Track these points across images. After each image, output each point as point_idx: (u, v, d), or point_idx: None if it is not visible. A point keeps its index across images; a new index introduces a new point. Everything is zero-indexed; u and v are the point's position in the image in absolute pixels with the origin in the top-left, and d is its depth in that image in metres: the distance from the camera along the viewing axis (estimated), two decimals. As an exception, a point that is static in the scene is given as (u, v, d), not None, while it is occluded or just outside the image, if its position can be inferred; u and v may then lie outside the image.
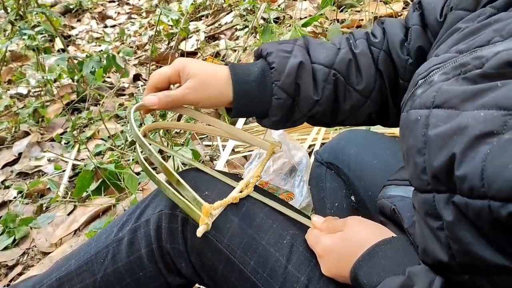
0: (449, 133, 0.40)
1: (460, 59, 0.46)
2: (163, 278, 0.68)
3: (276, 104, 0.65)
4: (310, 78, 0.65)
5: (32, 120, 2.17)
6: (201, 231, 0.57)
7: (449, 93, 0.43)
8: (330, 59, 0.67)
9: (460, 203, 0.38)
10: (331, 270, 0.57)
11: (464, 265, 0.40)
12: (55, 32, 2.35)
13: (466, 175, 0.37)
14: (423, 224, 0.45)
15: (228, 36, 2.72)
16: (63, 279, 0.71)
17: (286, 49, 0.66)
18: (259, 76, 0.65)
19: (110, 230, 0.71)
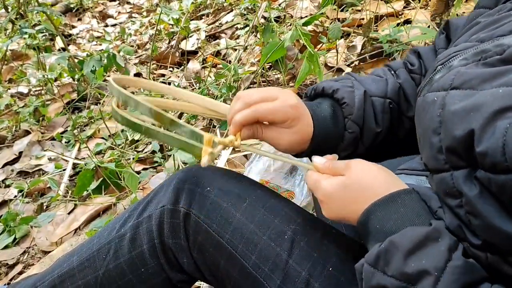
0: (466, 109, 0.40)
1: (481, 47, 0.47)
2: (165, 274, 0.68)
3: (349, 138, 0.66)
4: (372, 110, 0.67)
5: (32, 119, 2.17)
6: (205, 162, 0.55)
7: (468, 74, 0.43)
8: (383, 90, 0.68)
9: (483, 178, 0.38)
10: (333, 215, 0.56)
11: (484, 241, 0.40)
12: (56, 31, 2.35)
13: (487, 151, 0.37)
14: (444, 204, 0.45)
15: (229, 35, 2.72)
16: (65, 275, 0.71)
17: (347, 84, 0.68)
18: (332, 113, 0.66)
19: (112, 227, 0.72)
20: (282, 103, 0.60)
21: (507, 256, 0.39)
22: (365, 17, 2.11)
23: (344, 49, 2.08)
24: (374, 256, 0.47)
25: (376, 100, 0.67)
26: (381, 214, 0.50)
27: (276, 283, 0.59)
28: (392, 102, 0.68)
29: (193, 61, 2.47)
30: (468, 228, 0.41)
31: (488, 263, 0.41)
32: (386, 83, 0.69)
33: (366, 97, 0.66)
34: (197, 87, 2.04)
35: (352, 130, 0.66)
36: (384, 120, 0.67)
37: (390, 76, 0.71)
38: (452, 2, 1.71)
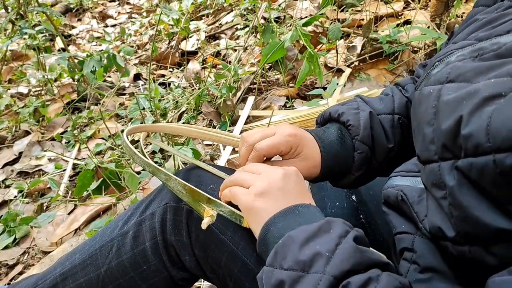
0: (459, 98, 0.41)
1: (479, 45, 0.48)
2: (167, 271, 0.68)
3: (360, 158, 0.67)
4: (381, 128, 0.68)
5: (32, 119, 2.17)
6: (206, 222, 0.57)
7: (464, 68, 0.45)
8: (389, 107, 0.70)
9: (464, 166, 0.39)
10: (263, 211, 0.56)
11: (465, 234, 0.40)
12: (56, 31, 2.35)
13: (472, 133, 0.38)
14: (430, 196, 0.46)
15: (229, 35, 2.72)
16: (67, 273, 0.71)
17: (353, 106, 0.70)
18: (339, 136, 0.68)
19: (115, 224, 0.72)
20: (280, 135, 0.64)
21: (488, 246, 0.39)
22: (365, 17, 2.11)
23: (344, 49, 2.08)
24: (273, 254, 0.49)
25: (384, 118, 0.69)
26: (281, 224, 0.52)
27: None
28: (401, 117, 0.70)
29: (193, 61, 2.47)
30: (449, 221, 0.42)
31: (472, 257, 0.41)
32: (393, 100, 0.71)
33: (372, 116, 0.68)
34: (197, 88, 2.04)
35: (361, 150, 0.67)
36: (395, 135, 0.69)
37: (396, 92, 0.73)
38: (452, 3, 1.71)
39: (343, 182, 0.70)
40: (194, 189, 0.60)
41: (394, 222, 0.56)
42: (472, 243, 0.40)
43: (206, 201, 0.60)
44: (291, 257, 0.46)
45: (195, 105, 1.87)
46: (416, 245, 0.50)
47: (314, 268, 0.44)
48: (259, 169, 0.59)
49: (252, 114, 1.78)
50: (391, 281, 0.42)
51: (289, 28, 2.12)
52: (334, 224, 0.48)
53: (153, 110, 1.82)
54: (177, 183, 0.62)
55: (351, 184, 0.70)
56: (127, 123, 1.99)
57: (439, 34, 1.55)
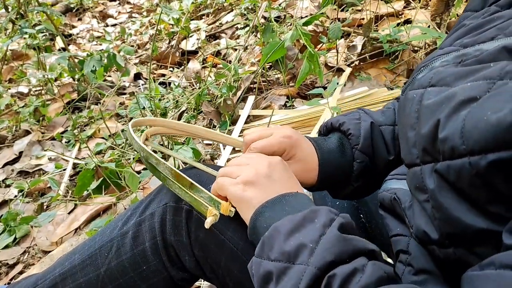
0: (438, 102, 0.42)
1: (463, 51, 0.49)
2: (166, 272, 0.68)
3: (359, 168, 0.67)
4: (381, 139, 0.69)
5: (33, 118, 2.17)
6: (210, 222, 0.57)
7: (445, 73, 0.45)
8: (390, 118, 0.71)
9: (442, 169, 0.40)
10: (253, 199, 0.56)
11: (448, 235, 0.41)
12: (56, 31, 2.35)
13: (448, 136, 0.38)
14: (415, 200, 0.46)
15: (229, 35, 2.72)
16: (66, 273, 0.71)
17: (354, 116, 0.70)
18: (339, 145, 0.68)
19: (115, 225, 0.72)
20: (276, 136, 0.65)
21: (472, 247, 0.40)
22: (365, 17, 2.11)
23: (344, 49, 2.08)
24: (260, 245, 0.49)
25: (385, 129, 0.69)
26: (268, 214, 0.52)
27: None
28: None
29: (193, 61, 2.47)
30: (433, 224, 0.43)
31: (458, 258, 0.41)
32: (394, 112, 0.72)
33: (373, 127, 0.68)
34: (197, 87, 2.04)
35: (361, 160, 0.67)
36: (396, 146, 0.69)
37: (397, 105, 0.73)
38: (452, 2, 1.71)
39: (342, 192, 0.70)
40: (179, 173, 0.61)
41: (390, 225, 0.56)
42: (456, 245, 0.41)
43: (189, 186, 0.60)
44: (277, 248, 0.47)
45: (195, 104, 1.87)
46: (411, 248, 0.50)
47: (298, 260, 0.44)
48: (245, 160, 0.60)
49: (252, 113, 1.78)
50: (375, 271, 0.42)
51: (290, 27, 2.12)
52: (319, 213, 0.48)
53: (153, 109, 1.82)
54: (165, 167, 0.62)
55: (350, 195, 0.70)
56: (127, 123, 1.99)
57: (440, 34, 1.55)
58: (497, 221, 0.36)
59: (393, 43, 1.85)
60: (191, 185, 0.60)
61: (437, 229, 0.42)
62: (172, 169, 0.62)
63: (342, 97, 1.69)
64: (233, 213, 0.58)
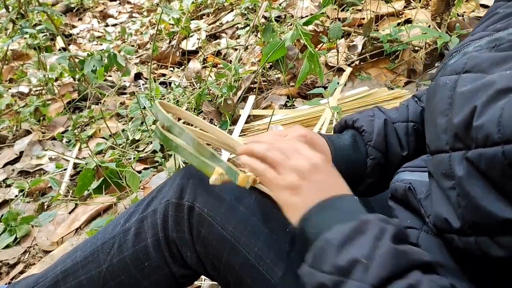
0: (474, 90, 0.41)
1: (496, 35, 0.48)
2: (168, 268, 0.69)
3: (372, 164, 0.67)
4: (395, 135, 0.69)
5: (33, 118, 2.17)
6: (213, 180, 0.58)
7: (480, 58, 0.45)
8: (404, 115, 0.71)
9: (474, 156, 0.39)
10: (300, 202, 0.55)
11: (472, 223, 0.41)
12: (57, 30, 2.35)
13: (484, 123, 0.38)
14: (437, 187, 0.46)
15: (229, 35, 2.72)
16: (68, 271, 0.71)
17: (368, 114, 0.71)
18: (352, 141, 0.68)
19: (117, 222, 0.72)
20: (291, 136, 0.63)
21: (494, 236, 0.39)
22: (365, 16, 2.11)
23: (345, 48, 2.08)
24: (312, 256, 0.48)
25: (399, 126, 0.70)
26: (316, 219, 0.51)
27: (278, 274, 0.60)
28: (416, 124, 0.70)
29: (193, 60, 2.47)
30: (456, 212, 0.42)
31: (479, 247, 0.41)
32: (407, 109, 0.72)
33: (387, 123, 0.68)
34: (198, 87, 2.04)
35: (374, 156, 0.67)
36: (410, 142, 0.69)
37: (411, 103, 0.74)
38: (453, 2, 1.71)
39: (357, 189, 0.69)
40: (201, 143, 0.62)
41: (400, 217, 0.56)
42: (479, 233, 0.41)
43: (209, 156, 0.61)
44: (330, 262, 0.46)
45: (195, 104, 1.87)
46: (421, 240, 0.50)
47: (353, 276, 0.43)
48: (288, 150, 0.56)
49: (253, 113, 1.78)
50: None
51: (290, 27, 2.12)
52: (370, 224, 0.46)
53: (153, 109, 1.82)
54: (188, 137, 0.63)
55: (365, 192, 0.70)
56: (128, 123, 1.99)
57: (440, 33, 1.55)
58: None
59: (394, 42, 1.85)
60: (211, 155, 0.61)
61: (459, 217, 0.42)
62: (194, 139, 0.63)
63: (342, 97, 1.69)
64: (250, 184, 0.58)
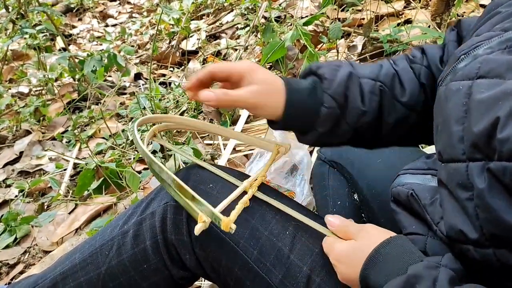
0: (494, 98, 0.40)
1: (506, 35, 0.46)
2: (167, 270, 0.68)
3: (326, 113, 0.64)
4: (358, 90, 0.66)
5: (33, 118, 2.17)
6: (199, 228, 0.57)
7: (495, 62, 0.43)
8: (374, 73, 0.68)
9: (497, 169, 0.38)
10: (344, 278, 0.57)
11: (491, 236, 0.40)
12: (56, 31, 2.35)
13: (510, 137, 0.37)
14: (450, 197, 0.44)
15: (229, 35, 2.72)
16: (67, 272, 0.71)
17: (335, 63, 0.68)
18: (311, 87, 0.65)
19: (115, 224, 0.72)
20: (234, 63, 0.63)
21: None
22: (365, 17, 2.11)
23: (345, 49, 2.08)
24: None
25: (366, 82, 0.67)
26: (374, 277, 0.51)
27: (278, 277, 0.60)
28: (383, 86, 0.67)
29: (193, 61, 2.47)
30: (473, 223, 0.41)
31: (497, 259, 0.40)
32: (380, 69, 0.69)
33: (351, 76, 0.65)
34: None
35: (329, 105, 0.64)
36: (372, 101, 0.66)
37: (386, 63, 0.70)
38: (453, 2, 1.71)
39: (306, 137, 0.68)
40: (181, 184, 0.60)
41: (403, 222, 0.55)
42: (498, 245, 0.40)
43: (190, 198, 0.59)
44: None
45: (195, 104, 1.86)
46: (429, 247, 0.50)
47: None
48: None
49: (253, 113, 1.78)
50: None
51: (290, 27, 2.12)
52: (419, 277, 0.45)
53: (153, 109, 1.82)
54: (168, 176, 0.61)
55: (315, 141, 0.68)
56: (128, 123, 1.99)
57: (440, 33, 1.55)
58: None
59: (394, 43, 1.85)
60: (193, 198, 0.59)
61: (477, 229, 0.41)
62: (174, 180, 0.61)
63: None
64: (233, 230, 0.57)
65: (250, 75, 0.62)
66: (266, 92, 0.63)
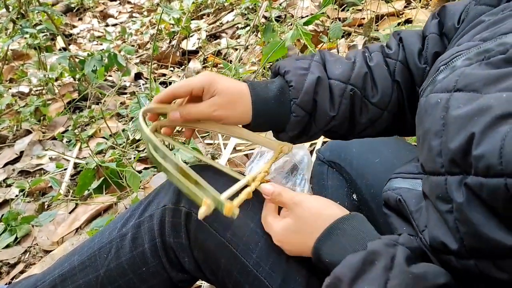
0: (470, 114, 0.40)
1: (484, 46, 0.46)
2: (166, 273, 0.68)
3: (294, 121, 0.66)
4: (327, 94, 0.66)
5: (33, 118, 2.18)
6: (202, 212, 0.56)
7: (472, 76, 0.43)
8: (346, 74, 0.67)
9: (474, 184, 0.38)
10: (293, 253, 0.59)
11: (472, 249, 0.40)
12: (57, 30, 2.35)
13: (484, 154, 0.36)
14: (432, 208, 0.44)
15: (230, 34, 2.72)
16: (65, 275, 0.71)
17: (303, 66, 0.67)
18: (278, 94, 0.66)
19: (114, 226, 0.72)
20: (193, 78, 0.65)
21: (495, 260, 0.38)
22: (366, 16, 2.11)
23: (345, 48, 2.07)
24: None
25: (336, 84, 0.66)
26: (326, 249, 0.52)
27: (277, 281, 0.60)
28: (354, 88, 0.66)
29: (194, 60, 2.47)
30: (454, 236, 0.41)
31: (479, 270, 0.40)
32: (352, 68, 0.67)
33: (319, 81, 0.65)
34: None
35: (297, 114, 0.65)
36: (342, 105, 0.66)
37: (359, 59, 0.69)
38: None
39: (281, 135, 0.69)
40: (185, 169, 0.59)
41: (395, 224, 0.56)
42: (479, 257, 0.40)
43: (194, 183, 0.59)
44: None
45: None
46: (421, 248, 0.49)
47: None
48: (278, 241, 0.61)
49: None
50: None
51: (290, 27, 2.12)
52: (377, 253, 0.46)
53: (154, 109, 1.81)
54: (171, 161, 0.61)
55: (288, 140, 0.70)
56: (128, 122, 1.99)
57: (440, 33, 1.55)
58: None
59: (394, 42, 1.85)
60: (196, 183, 0.59)
61: (458, 241, 0.41)
62: (178, 165, 0.60)
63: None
64: (236, 215, 0.57)
65: (211, 87, 0.64)
66: (229, 102, 0.64)
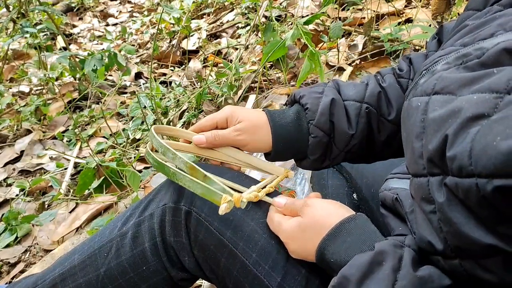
0: (444, 116, 0.41)
1: (463, 51, 0.47)
2: (166, 272, 0.68)
3: (313, 142, 0.68)
4: (343, 114, 0.68)
5: (34, 118, 2.18)
6: (224, 208, 0.57)
7: (448, 79, 0.44)
8: (360, 94, 0.69)
9: (451, 184, 0.39)
10: (296, 254, 0.59)
11: (455, 247, 0.40)
12: (57, 30, 2.35)
13: (456, 155, 0.38)
14: (418, 209, 0.45)
15: (230, 34, 2.71)
16: (66, 273, 0.71)
17: (317, 90, 0.70)
18: (295, 118, 0.69)
19: (114, 225, 0.72)
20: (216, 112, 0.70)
21: (478, 259, 0.39)
22: (366, 16, 2.11)
23: (345, 48, 2.07)
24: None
25: (351, 105, 0.69)
26: (332, 248, 0.52)
27: (277, 280, 0.60)
28: (370, 107, 0.69)
29: (194, 60, 2.47)
30: (438, 236, 0.42)
31: (465, 270, 0.41)
32: (366, 88, 0.71)
33: (334, 103, 0.68)
34: (198, 86, 2.04)
35: (315, 134, 0.67)
36: (359, 123, 0.69)
37: (372, 81, 0.72)
38: (454, 1, 1.71)
39: (303, 163, 0.72)
40: (193, 166, 0.62)
41: (391, 224, 0.56)
42: (463, 257, 0.40)
43: (202, 178, 0.61)
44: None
45: (196, 103, 1.87)
46: None
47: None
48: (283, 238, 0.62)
49: (253, 112, 1.78)
50: None
51: (290, 26, 2.12)
52: (385, 254, 0.46)
53: (154, 108, 1.82)
54: (181, 161, 0.64)
55: (311, 166, 0.72)
56: (128, 122, 1.99)
57: (441, 33, 1.55)
58: (505, 241, 0.36)
59: (394, 42, 1.85)
60: (204, 177, 0.61)
61: (442, 241, 0.41)
62: (187, 162, 0.63)
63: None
64: (245, 204, 0.59)
65: (233, 116, 0.68)
66: (250, 128, 0.68)
